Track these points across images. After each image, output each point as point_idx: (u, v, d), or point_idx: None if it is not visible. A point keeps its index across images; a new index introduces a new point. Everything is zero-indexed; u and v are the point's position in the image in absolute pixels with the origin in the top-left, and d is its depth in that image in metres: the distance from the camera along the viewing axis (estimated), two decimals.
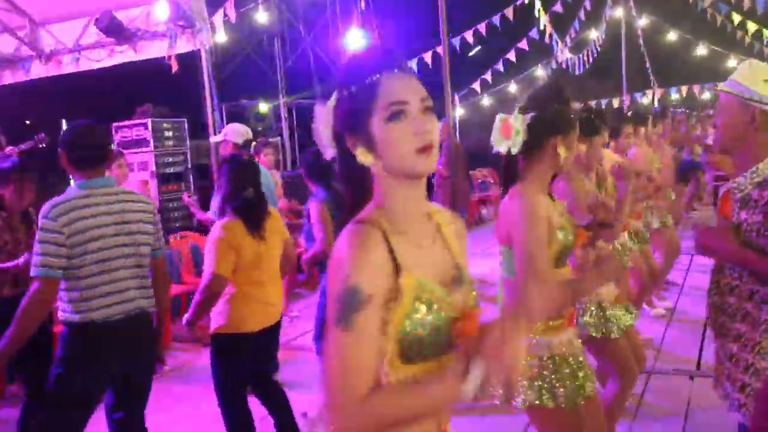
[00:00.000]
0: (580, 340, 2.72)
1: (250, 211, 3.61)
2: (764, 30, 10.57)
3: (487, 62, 12.76)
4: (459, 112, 12.68)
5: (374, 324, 1.38)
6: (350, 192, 1.55)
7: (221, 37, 7.42)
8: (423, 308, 1.43)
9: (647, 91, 12.82)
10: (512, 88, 13.31)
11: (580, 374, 2.53)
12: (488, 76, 12.39)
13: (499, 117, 2.57)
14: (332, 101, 1.51)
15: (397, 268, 1.41)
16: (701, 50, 12.34)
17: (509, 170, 2.62)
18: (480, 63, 13.25)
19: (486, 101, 13.70)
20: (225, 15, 7.37)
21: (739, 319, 2.36)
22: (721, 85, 2.51)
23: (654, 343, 5.48)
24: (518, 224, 2.43)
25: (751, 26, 10.38)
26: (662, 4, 12.48)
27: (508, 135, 2.51)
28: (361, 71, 1.46)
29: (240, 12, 7.40)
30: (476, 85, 12.77)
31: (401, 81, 1.45)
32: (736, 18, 10.53)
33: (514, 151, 2.52)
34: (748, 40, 11.01)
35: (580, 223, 2.83)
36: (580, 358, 2.59)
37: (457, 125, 13.04)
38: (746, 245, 2.29)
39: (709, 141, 8.02)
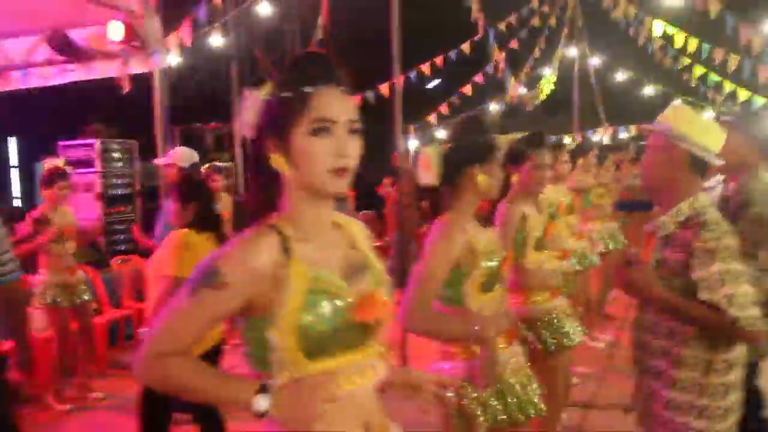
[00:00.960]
0: (523, 358, 2.76)
1: (206, 222, 3.60)
2: (710, 74, 10.93)
3: (444, 96, 12.92)
4: (414, 143, 12.77)
5: (215, 308, 1.43)
6: (255, 196, 1.54)
7: (176, 59, 7.36)
8: (322, 301, 1.45)
9: (598, 129, 13.12)
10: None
11: (525, 392, 2.58)
12: (444, 109, 12.52)
13: (422, 150, 2.65)
14: (264, 94, 1.48)
15: (285, 273, 1.43)
16: (649, 90, 12.73)
17: (434, 201, 2.67)
18: (438, 96, 13.41)
19: (441, 134, 13.86)
20: (180, 38, 7.33)
21: (659, 356, 2.40)
22: (648, 126, 2.58)
23: (595, 377, 5.54)
24: (427, 249, 2.50)
25: (698, 70, 10.73)
26: (614, 45, 12.84)
27: (427, 167, 2.58)
28: (298, 78, 1.44)
29: (197, 35, 7.35)
30: (433, 118, 12.90)
31: (334, 98, 1.44)
32: (685, 61, 10.89)
33: (435, 182, 2.59)
34: (694, 83, 11.37)
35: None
36: (527, 374, 2.66)
37: (412, 156, 13.12)
38: (666, 283, 2.34)
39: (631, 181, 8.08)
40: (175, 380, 1.44)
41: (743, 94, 10.33)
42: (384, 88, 9.48)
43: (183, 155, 5.51)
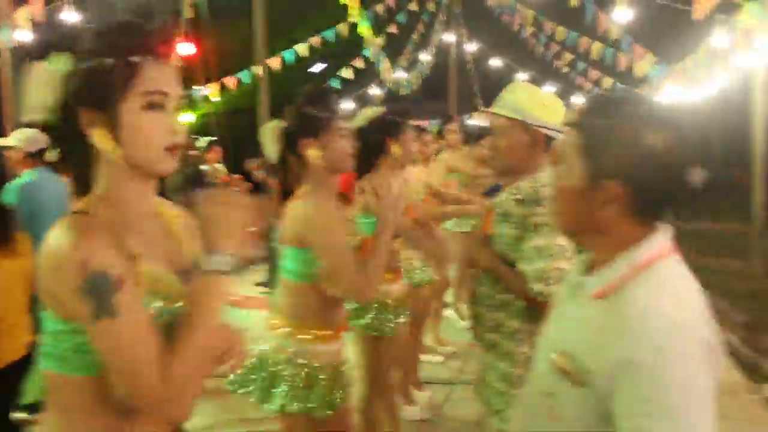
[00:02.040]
0: (346, 352, 2.68)
1: None
2: (579, 61, 11.38)
3: (326, 79, 12.82)
4: None
5: (136, 301, 1.25)
6: (73, 176, 1.37)
7: (26, 35, 6.83)
8: (159, 302, 1.32)
9: (475, 114, 13.43)
10: (350, 105, 13.52)
11: (335, 386, 2.49)
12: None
13: (266, 127, 2.54)
14: (66, 64, 1.28)
15: (130, 259, 1.27)
16: (524, 76, 13.15)
17: (281, 179, 2.57)
18: (320, 80, 13.29)
19: None
20: (30, 13, 6.81)
21: (494, 329, 2.42)
22: (500, 109, 2.56)
23: (459, 354, 5.63)
24: (318, 229, 2.35)
25: (567, 56, 11.16)
26: (490, 31, 13.14)
27: (272, 142, 2.51)
28: (123, 45, 1.28)
29: (48, 10, 6.85)
30: None
31: (167, 70, 1.31)
32: (555, 48, 11.30)
33: (275, 157, 2.49)
34: (565, 69, 11.84)
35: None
36: (341, 370, 2.55)
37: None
38: (500, 257, 2.36)
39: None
40: (187, 372, 1.25)
41: (607, 81, 10.87)
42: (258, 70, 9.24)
43: (28, 138, 5.03)
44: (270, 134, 2.52)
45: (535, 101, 2.44)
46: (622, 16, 6.56)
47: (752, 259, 8.72)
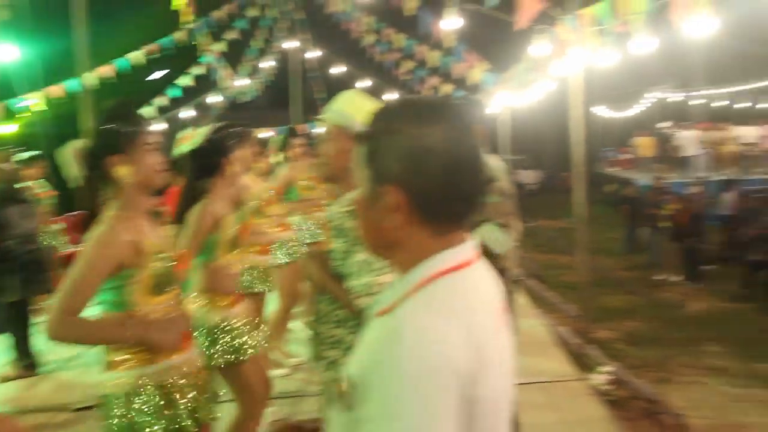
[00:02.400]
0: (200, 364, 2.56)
1: None
2: (417, 70, 11.72)
3: (164, 87, 12.29)
4: None
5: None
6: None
7: None
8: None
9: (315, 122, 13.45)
10: (189, 112, 13.07)
11: (196, 401, 2.38)
12: (166, 101, 11.90)
13: (65, 148, 2.38)
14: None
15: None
16: (365, 84, 13.36)
17: (90, 197, 2.39)
18: (158, 88, 12.73)
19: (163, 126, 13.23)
20: None
21: (334, 345, 2.39)
22: (326, 116, 2.53)
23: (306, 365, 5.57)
24: (83, 251, 2.23)
25: (408, 64, 11.45)
26: (333, 38, 13.22)
27: (72, 163, 2.33)
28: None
29: None
30: (153, 110, 12.20)
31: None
32: (395, 56, 11.56)
33: (80, 179, 2.32)
34: (406, 77, 12.15)
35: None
36: (178, 393, 2.42)
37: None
38: (332, 273, 2.34)
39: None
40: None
41: (447, 88, 11.29)
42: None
43: None
44: (70, 155, 2.33)
45: (361, 108, 2.44)
46: (451, 24, 6.82)
47: (577, 255, 9.36)
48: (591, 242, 16.70)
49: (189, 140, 3.36)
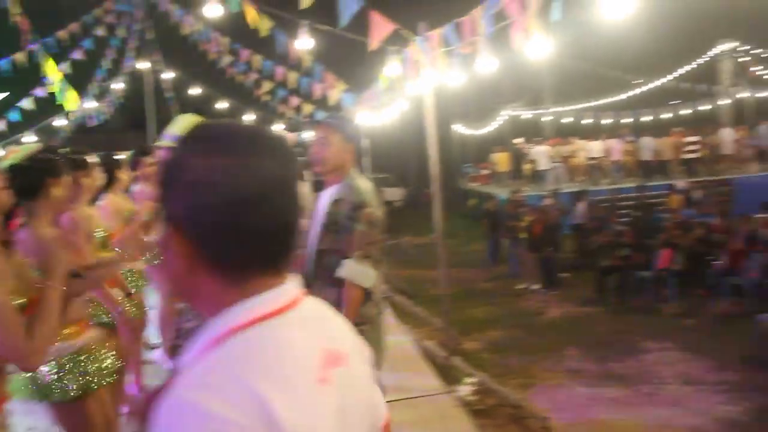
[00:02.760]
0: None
1: None
2: (279, 89, 11.60)
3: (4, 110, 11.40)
4: None
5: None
6: None
7: None
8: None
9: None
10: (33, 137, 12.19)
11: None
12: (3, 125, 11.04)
13: None
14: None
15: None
16: (224, 105, 13.08)
17: None
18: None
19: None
20: None
21: None
22: (161, 141, 2.42)
23: None
24: None
25: (266, 85, 11.31)
26: (188, 59, 12.84)
27: None
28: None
29: None
30: None
31: None
32: (254, 76, 11.39)
33: None
34: (265, 97, 12.01)
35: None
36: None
37: None
38: None
39: None
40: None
41: (308, 108, 11.26)
42: None
43: None
44: None
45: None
46: (304, 44, 6.81)
47: (439, 269, 9.58)
48: (456, 255, 17.29)
49: (11, 157, 3.06)
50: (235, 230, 0.98)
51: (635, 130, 22.44)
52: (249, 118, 13.12)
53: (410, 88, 5.61)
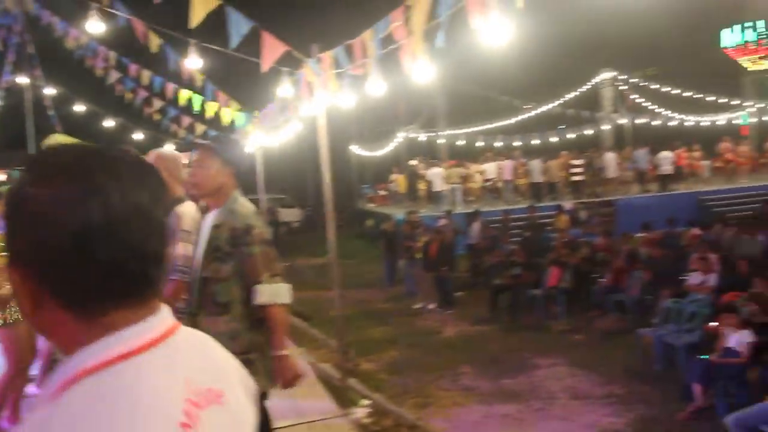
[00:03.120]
0: None
1: None
2: (170, 108, 11.27)
3: None
4: None
5: None
6: None
7: None
8: None
9: None
10: None
11: None
12: None
13: None
14: None
15: None
16: (111, 123, 12.58)
17: None
18: None
19: None
20: None
21: None
22: None
23: None
24: None
25: (157, 103, 10.95)
26: (73, 74, 12.27)
27: None
28: None
29: None
30: None
31: None
32: (144, 94, 11.00)
33: None
34: (156, 116, 11.63)
35: None
36: None
37: None
38: None
39: None
40: None
41: (200, 128, 10.99)
42: None
43: None
44: None
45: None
46: (194, 63, 6.65)
47: (334, 290, 9.55)
48: (353, 276, 17.28)
49: None
50: (83, 264, 0.90)
51: (526, 152, 23.34)
52: (138, 137, 12.69)
53: (304, 109, 5.57)
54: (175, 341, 1.00)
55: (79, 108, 12.27)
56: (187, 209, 3.52)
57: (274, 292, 3.07)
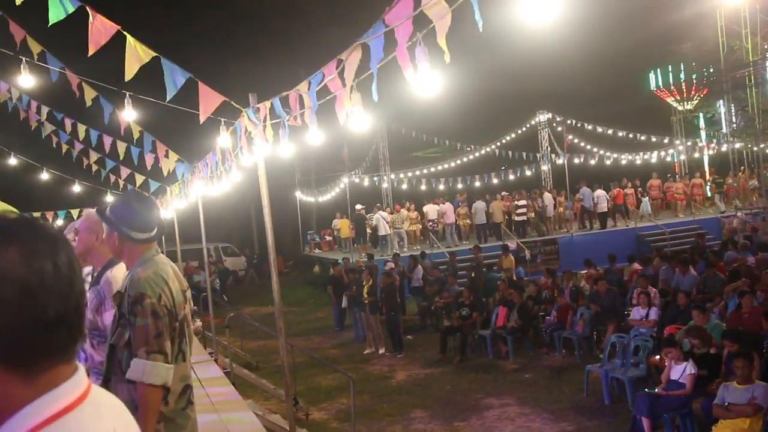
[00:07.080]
0: None
1: None
2: (107, 159, 11.08)
3: None
4: None
5: None
6: None
7: None
8: None
9: None
10: None
11: None
12: None
13: None
14: None
15: None
16: (47, 175, 12.28)
17: None
18: None
19: None
20: None
21: None
22: None
23: None
24: None
25: (93, 155, 10.75)
26: (5, 129, 11.99)
27: None
28: None
29: None
30: None
31: None
32: (80, 146, 10.77)
33: None
34: (94, 167, 11.39)
35: None
36: None
37: None
38: None
39: None
40: None
41: (140, 178, 10.81)
42: None
43: None
44: None
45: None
46: (129, 115, 6.60)
47: (280, 339, 9.42)
48: (302, 323, 17.06)
49: None
50: (9, 326, 0.92)
51: (468, 194, 23.67)
52: (76, 189, 12.41)
53: (244, 158, 5.56)
54: (95, 397, 1.02)
55: (13, 161, 11.97)
56: (118, 272, 3.33)
57: (145, 371, 2.75)
